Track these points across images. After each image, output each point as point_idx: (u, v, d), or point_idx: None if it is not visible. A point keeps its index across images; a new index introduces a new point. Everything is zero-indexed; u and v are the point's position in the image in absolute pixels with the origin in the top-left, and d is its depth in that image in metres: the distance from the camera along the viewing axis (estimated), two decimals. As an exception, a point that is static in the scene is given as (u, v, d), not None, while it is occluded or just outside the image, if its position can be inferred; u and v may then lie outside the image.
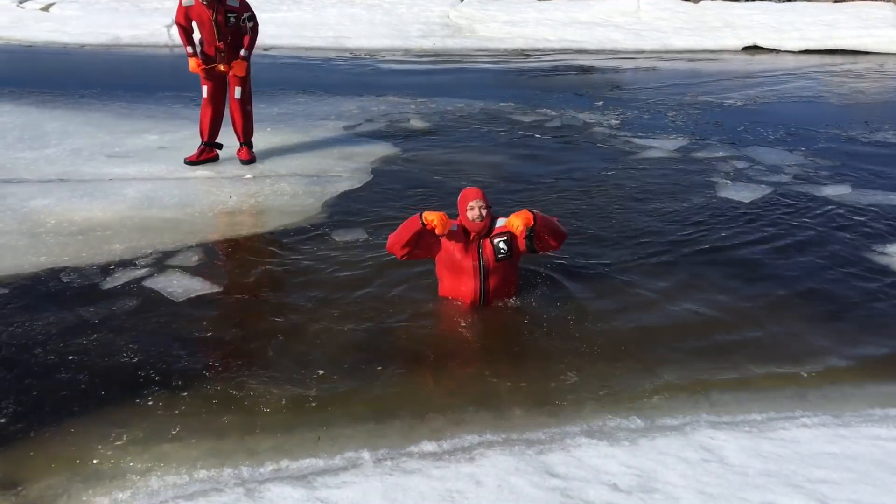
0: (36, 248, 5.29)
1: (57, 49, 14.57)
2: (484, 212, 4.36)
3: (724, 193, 6.64)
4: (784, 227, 5.90)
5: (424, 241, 4.39)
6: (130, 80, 11.42)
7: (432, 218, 4.23)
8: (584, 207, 6.25)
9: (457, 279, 4.51)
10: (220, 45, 6.87)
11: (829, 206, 6.34)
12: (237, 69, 7.01)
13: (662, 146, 8.14)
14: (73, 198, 6.23)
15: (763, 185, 6.82)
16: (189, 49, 6.91)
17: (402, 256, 4.41)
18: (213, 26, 6.78)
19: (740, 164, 7.49)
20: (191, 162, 7.13)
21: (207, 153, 7.26)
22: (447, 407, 3.67)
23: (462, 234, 4.44)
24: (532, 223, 4.25)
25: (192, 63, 6.96)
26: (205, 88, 7.09)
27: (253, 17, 7.02)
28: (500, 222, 4.45)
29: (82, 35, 15.22)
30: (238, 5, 6.88)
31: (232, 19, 6.85)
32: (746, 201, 6.44)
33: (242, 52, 7.00)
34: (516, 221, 4.27)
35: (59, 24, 16.24)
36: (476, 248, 4.43)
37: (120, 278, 4.88)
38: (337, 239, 5.56)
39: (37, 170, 6.94)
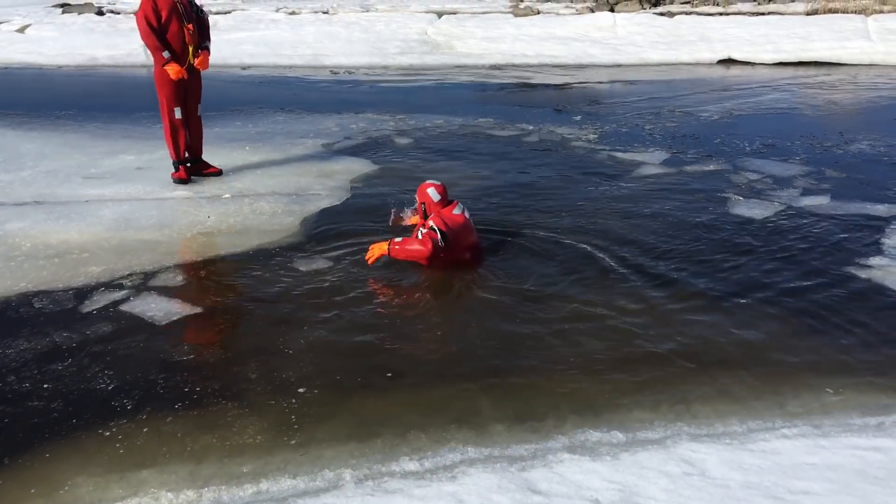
0: (11, 272, 5.23)
1: (33, 70, 14.49)
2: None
3: (710, 207, 6.67)
4: (767, 238, 5.93)
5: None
6: (107, 101, 11.37)
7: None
8: (571, 222, 6.27)
9: None
10: (190, 27, 6.75)
11: (810, 217, 6.39)
12: (204, 62, 6.93)
13: (643, 159, 8.19)
14: (49, 220, 6.17)
15: (745, 199, 6.87)
16: (166, 54, 6.65)
17: None
18: (181, 14, 6.70)
19: (723, 179, 7.55)
20: (180, 180, 7.15)
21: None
22: (428, 425, 3.65)
23: None
24: (385, 254, 5.19)
25: (175, 69, 6.69)
26: (178, 110, 6.96)
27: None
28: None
29: (59, 56, 15.17)
30: None
31: (195, 5, 6.89)
32: (731, 214, 6.48)
33: (207, 44, 6.98)
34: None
35: (35, 45, 16.17)
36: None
37: (97, 302, 4.83)
38: (316, 258, 5.54)
39: (12, 192, 6.88)
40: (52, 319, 4.61)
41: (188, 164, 7.30)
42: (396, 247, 5.15)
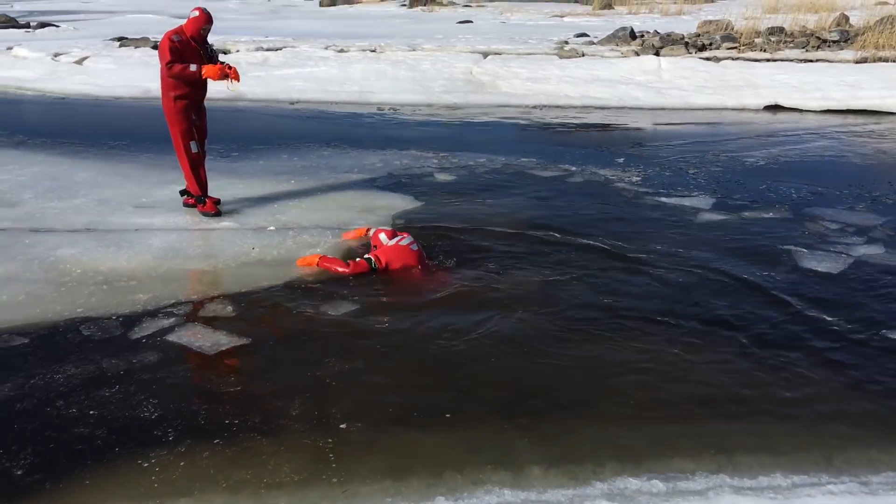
0: (61, 297, 5.37)
1: (89, 101, 14.95)
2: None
3: (767, 256, 6.53)
4: (826, 291, 5.80)
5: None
6: (160, 132, 11.60)
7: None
8: (616, 264, 6.24)
9: None
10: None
11: (868, 271, 6.21)
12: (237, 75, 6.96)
13: (690, 204, 8.13)
14: (100, 248, 6.33)
15: (809, 251, 6.71)
16: (193, 66, 6.76)
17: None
18: (201, 61, 6.90)
19: (777, 227, 7.40)
20: (210, 213, 7.24)
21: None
22: (465, 464, 3.64)
23: None
24: (314, 264, 5.97)
25: (213, 68, 6.75)
26: (194, 144, 7.14)
27: None
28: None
29: (115, 88, 15.61)
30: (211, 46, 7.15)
31: (214, 52, 7.13)
32: (790, 265, 6.34)
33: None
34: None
35: (92, 76, 16.68)
36: None
37: (144, 329, 4.93)
38: (359, 291, 5.59)
39: (65, 219, 7.07)
40: (100, 346, 4.71)
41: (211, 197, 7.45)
42: (326, 263, 5.95)
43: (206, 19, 6.88)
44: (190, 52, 6.87)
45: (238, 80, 6.92)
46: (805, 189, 8.83)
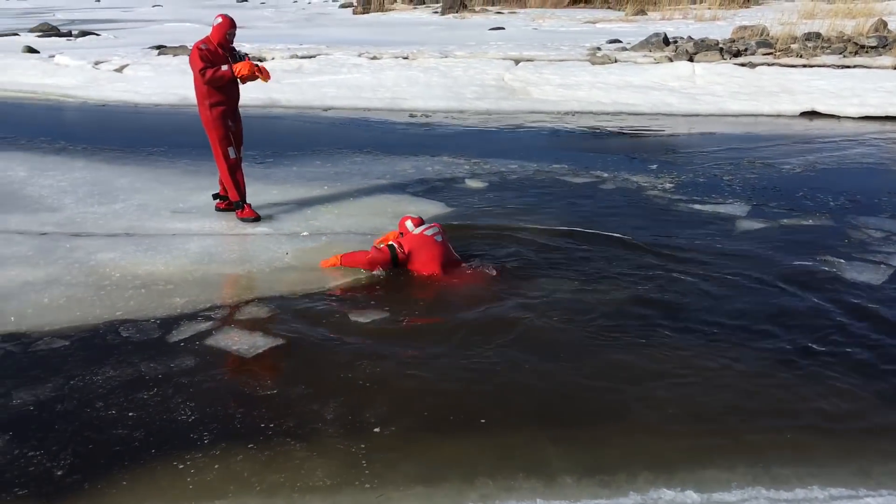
0: (101, 301, 5.48)
1: (129, 108, 15.21)
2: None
3: (807, 266, 6.45)
4: (860, 299, 5.70)
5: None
6: (198, 139, 11.77)
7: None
8: (650, 272, 6.20)
9: None
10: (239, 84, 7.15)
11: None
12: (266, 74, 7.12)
13: (725, 211, 8.06)
14: (138, 252, 6.45)
15: (847, 262, 6.61)
16: (225, 66, 6.90)
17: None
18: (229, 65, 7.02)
19: (817, 236, 7.29)
20: (250, 218, 7.32)
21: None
22: (497, 471, 3.64)
23: None
24: (338, 264, 6.08)
25: (245, 64, 6.93)
26: (231, 150, 7.24)
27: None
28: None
29: (154, 95, 15.86)
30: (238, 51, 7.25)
31: (241, 58, 7.20)
32: (831, 275, 6.25)
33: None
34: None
35: (131, 84, 16.97)
36: None
37: (181, 333, 5.01)
38: (390, 296, 5.62)
39: (105, 224, 7.22)
40: (138, 349, 4.80)
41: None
42: (348, 259, 6.04)
43: (229, 24, 7.05)
44: (218, 58, 7.00)
45: (268, 78, 7.06)
46: (843, 197, 8.69)
